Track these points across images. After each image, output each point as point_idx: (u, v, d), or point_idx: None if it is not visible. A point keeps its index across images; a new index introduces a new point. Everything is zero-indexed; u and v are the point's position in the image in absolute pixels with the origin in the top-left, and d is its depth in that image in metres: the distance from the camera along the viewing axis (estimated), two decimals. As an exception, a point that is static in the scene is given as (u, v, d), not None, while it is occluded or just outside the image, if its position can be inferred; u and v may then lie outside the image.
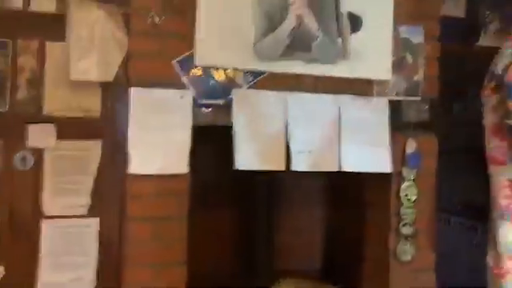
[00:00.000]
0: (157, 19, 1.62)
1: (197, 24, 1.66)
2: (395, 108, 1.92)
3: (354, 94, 1.87)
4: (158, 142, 1.62)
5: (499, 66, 1.74)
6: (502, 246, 1.73)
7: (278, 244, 2.24)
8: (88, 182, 1.67)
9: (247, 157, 1.71)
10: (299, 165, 1.76)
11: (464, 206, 2.55)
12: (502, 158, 1.75)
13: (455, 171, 2.36)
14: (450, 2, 2.27)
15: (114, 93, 1.68)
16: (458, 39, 2.30)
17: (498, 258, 1.74)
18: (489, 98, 1.78)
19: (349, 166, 1.82)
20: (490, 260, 1.77)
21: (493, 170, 1.78)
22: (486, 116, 1.80)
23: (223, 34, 1.69)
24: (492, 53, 1.82)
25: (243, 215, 2.24)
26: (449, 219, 2.50)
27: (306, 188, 2.33)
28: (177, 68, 1.65)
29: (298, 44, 1.78)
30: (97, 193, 1.68)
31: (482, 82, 1.80)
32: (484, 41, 2.37)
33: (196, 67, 1.67)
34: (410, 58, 1.94)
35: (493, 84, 1.76)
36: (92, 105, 1.67)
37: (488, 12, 2.28)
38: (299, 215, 2.37)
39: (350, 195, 2.18)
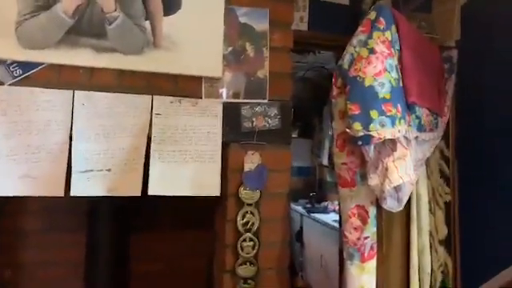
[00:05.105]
0: None
1: None
2: (232, 113, 1.50)
3: (173, 96, 1.44)
4: None
5: (346, 59, 1.34)
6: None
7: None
8: None
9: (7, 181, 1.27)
10: (84, 189, 1.32)
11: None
12: (351, 177, 1.34)
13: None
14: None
15: None
16: (340, 28, 1.92)
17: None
18: (337, 100, 1.38)
19: (158, 189, 1.38)
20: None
21: (341, 192, 1.38)
22: (335, 123, 1.39)
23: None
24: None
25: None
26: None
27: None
28: None
29: (87, 27, 1.34)
30: None
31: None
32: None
33: None
34: (251, 50, 1.53)
35: (340, 81, 1.36)
36: None
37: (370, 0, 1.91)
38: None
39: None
